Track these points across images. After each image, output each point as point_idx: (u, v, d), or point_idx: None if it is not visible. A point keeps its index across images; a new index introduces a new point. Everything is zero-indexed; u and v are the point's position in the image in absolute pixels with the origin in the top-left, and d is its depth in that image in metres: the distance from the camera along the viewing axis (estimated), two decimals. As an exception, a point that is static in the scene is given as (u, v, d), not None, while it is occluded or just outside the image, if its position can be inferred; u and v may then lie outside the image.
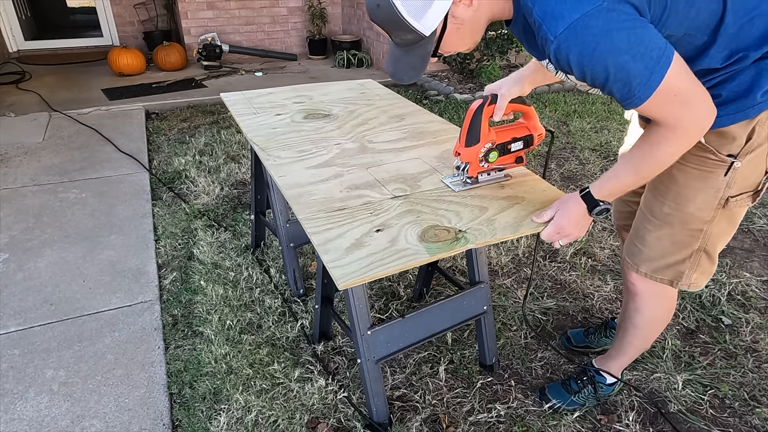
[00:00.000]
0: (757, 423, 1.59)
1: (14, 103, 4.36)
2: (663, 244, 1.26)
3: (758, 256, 2.38)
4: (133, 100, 4.47)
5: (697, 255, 1.24)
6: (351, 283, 1.06)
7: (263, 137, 1.73)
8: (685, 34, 1.00)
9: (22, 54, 5.97)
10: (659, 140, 1.04)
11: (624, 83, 0.95)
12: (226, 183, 3.07)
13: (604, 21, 0.90)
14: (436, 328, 1.59)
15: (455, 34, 1.08)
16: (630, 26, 0.91)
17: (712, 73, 1.05)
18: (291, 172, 1.48)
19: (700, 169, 1.14)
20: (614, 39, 0.91)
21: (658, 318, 1.43)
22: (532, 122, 1.43)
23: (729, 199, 1.15)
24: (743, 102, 1.04)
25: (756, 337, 1.91)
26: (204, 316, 2.00)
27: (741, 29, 0.99)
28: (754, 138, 1.07)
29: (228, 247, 2.43)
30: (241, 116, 1.91)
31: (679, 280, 1.29)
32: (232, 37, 6.00)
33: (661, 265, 1.29)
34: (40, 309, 2.01)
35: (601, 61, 0.93)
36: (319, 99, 2.13)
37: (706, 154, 1.11)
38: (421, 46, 1.09)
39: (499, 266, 2.31)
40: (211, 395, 1.67)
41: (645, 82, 0.94)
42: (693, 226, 1.20)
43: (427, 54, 1.10)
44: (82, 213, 2.69)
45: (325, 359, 1.82)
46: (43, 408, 1.60)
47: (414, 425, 1.56)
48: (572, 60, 0.95)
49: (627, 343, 1.51)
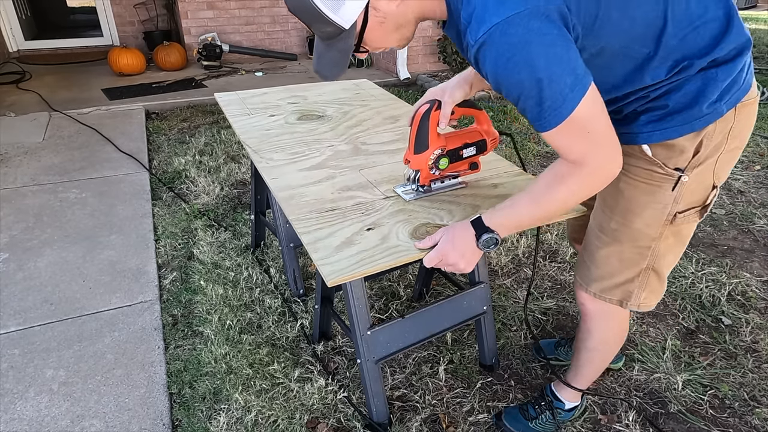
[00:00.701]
0: (757, 423, 1.59)
1: (14, 103, 4.37)
2: (611, 262, 1.20)
3: (758, 256, 2.38)
4: (133, 100, 4.47)
5: (645, 274, 1.19)
6: (339, 279, 1.06)
7: (256, 139, 1.72)
8: (623, 47, 0.95)
9: (22, 54, 5.97)
10: (564, 175, 0.98)
11: (536, 103, 0.89)
12: (226, 183, 3.07)
13: (524, 30, 0.84)
14: (436, 328, 1.59)
15: (378, 29, 1.02)
16: (550, 42, 0.85)
17: (658, 83, 1.00)
18: (283, 175, 1.48)
19: (647, 183, 1.09)
20: (532, 53, 0.85)
21: (609, 340, 1.38)
22: (485, 126, 1.38)
23: (677, 215, 1.10)
24: (689, 113, 0.99)
25: (756, 337, 1.91)
26: (204, 316, 2.00)
27: (684, 39, 0.95)
28: (702, 151, 1.03)
29: (228, 247, 2.43)
30: (234, 117, 1.91)
31: (628, 300, 1.23)
32: (232, 37, 6.00)
33: (610, 284, 1.23)
34: (40, 309, 2.01)
35: (516, 73, 0.87)
36: (313, 99, 2.12)
37: (653, 168, 1.07)
38: (341, 40, 1.02)
39: (499, 266, 2.31)
40: (211, 395, 1.67)
41: (557, 107, 0.88)
42: (641, 243, 1.15)
43: (348, 49, 1.03)
44: (82, 213, 2.69)
45: (325, 359, 1.82)
46: (43, 408, 1.60)
47: (414, 425, 1.56)
48: (488, 67, 0.90)
49: (581, 366, 1.45)
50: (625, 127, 1.07)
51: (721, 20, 0.96)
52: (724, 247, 2.47)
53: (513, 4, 0.84)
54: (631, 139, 1.07)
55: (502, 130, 1.47)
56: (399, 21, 1.02)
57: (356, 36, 1.02)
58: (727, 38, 0.95)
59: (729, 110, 1.00)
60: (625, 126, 1.07)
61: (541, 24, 0.85)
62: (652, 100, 1.02)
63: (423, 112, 1.27)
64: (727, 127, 1.02)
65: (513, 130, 3.82)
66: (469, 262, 1.12)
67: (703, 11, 0.94)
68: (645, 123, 1.04)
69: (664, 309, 2.06)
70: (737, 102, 1.00)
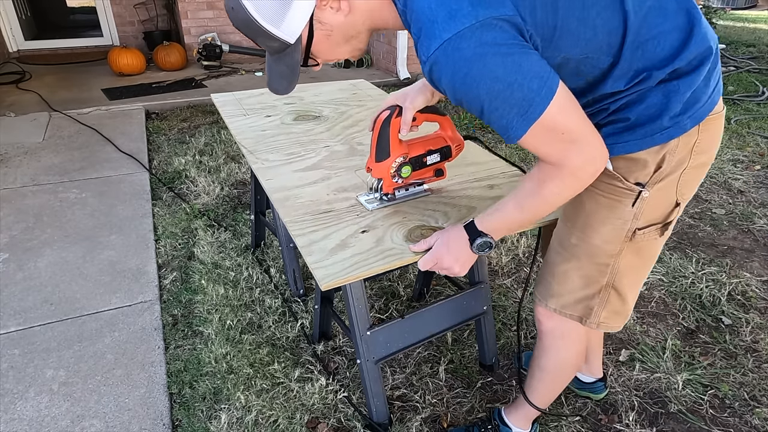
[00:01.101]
0: (757, 423, 1.59)
1: (14, 103, 4.37)
2: (571, 277, 1.17)
3: (758, 256, 2.38)
4: (133, 100, 4.47)
5: (606, 291, 1.14)
6: (334, 283, 1.06)
7: (252, 140, 1.72)
8: (586, 56, 0.92)
9: (22, 54, 5.97)
10: (545, 178, 0.95)
11: (500, 114, 0.87)
12: (226, 183, 3.07)
13: (477, 44, 0.81)
14: (436, 328, 1.59)
15: (326, 42, 0.99)
16: (506, 51, 0.83)
17: (617, 95, 0.97)
18: (278, 176, 1.48)
19: (608, 197, 1.05)
20: (488, 64, 0.82)
21: (566, 361, 1.32)
22: (449, 132, 1.35)
23: (636, 232, 1.06)
24: (651, 126, 0.96)
25: (756, 337, 1.91)
26: (204, 315, 2.00)
27: (645, 48, 0.92)
28: (665, 166, 1.00)
29: (228, 247, 2.43)
30: (230, 118, 1.91)
31: (587, 317, 1.18)
32: (232, 37, 6.00)
33: (570, 300, 1.19)
34: (40, 309, 2.01)
35: (474, 88, 0.85)
36: (310, 100, 2.12)
37: (614, 182, 1.03)
38: (287, 55, 0.98)
39: (499, 266, 2.31)
40: (211, 395, 1.67)
41: (523, 114, 0.86)
42: (599, 260, 1.11)
43: (295, 63, 1.00)
44: (82, 213, 2.69)
45: (325, 359, 1.82)
46: (43, 408, 1.60)
47: (414, 425, 1.56)
48: (445, 84, 0.88)
49: (533, 388, 1.38)
50: None
51: (683, 29, 0.93)
52: (724, 247, 2.47)
53: (463, 17, 0.82)
54: None
55: (468, 134, 1.44)
56: (348, 33, 0.99)
57: (302, 50, 0.99)
58: (688, 48, 0.92)
59: (693, 126, 0.97)
60: None
61: (495, 35, 0.82)
62: (614, 113, 0.99)
63: (383, 119, 1.23)
64: (691, 143, 0.99)
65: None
66: (463, 265, 1.12)
67: (663, 20, 0.92)
68: (606, 135, 1.00)
69: (664, 309, 2.06)
70: (702, 118, 0.97)
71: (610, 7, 0.90)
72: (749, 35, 7.63)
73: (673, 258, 2.35)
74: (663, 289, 2.16)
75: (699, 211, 2.78)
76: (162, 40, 5.69)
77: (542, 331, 1.29)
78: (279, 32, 0.94)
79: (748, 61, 6.15)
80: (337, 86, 2.33)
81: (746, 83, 5.24)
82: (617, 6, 0.90)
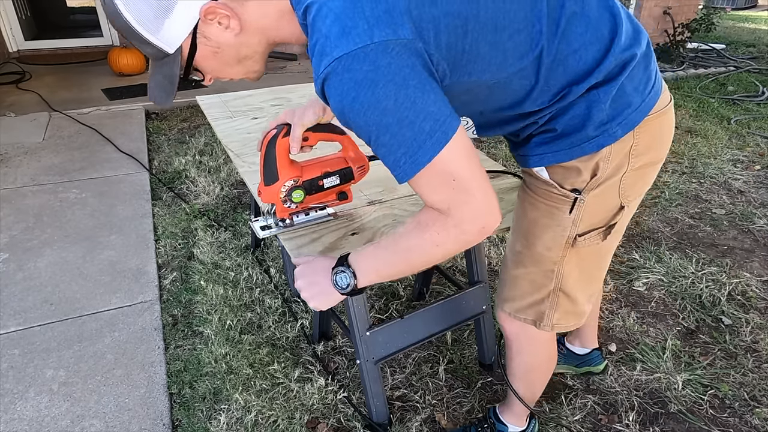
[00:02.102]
0: (757, 423, 1.59)
1: (14, 103, 4.36)
2: (521, 283, 1.17)
3: (758, 256, 2.38)
4: (133, 100, 4.47)
5: (554, 295, 1.14)
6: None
7: (238, 143, 1.71)
8: (497, 81, 0.88)
9: (22, 54, 5.97)
10: (429, 222, 0.87)
11: (388, 150, 0.80)
12: (226, 183, 3.07)
13: (369, 67, 0.75)
14: (436, 328, 1.59)
15: (213, 59, 0.90)
16: (401, 82, 0.75)
17: (541, 111, 0.95)
18: None
19: (546, 204, 1.05)
20: (378, 94, 0.75)
21: (534, 365, 1.33)
22: (350, 153, 1.26)
23: (577, 238, 1.05)
24: (577, 136, 0.95)
25: (756, 337, 1.90)
26: (204, 316, 2.00)
27: (566, 65, 0.88)
28: (599, 174, 0.98)
29: (228, 247, 2.43)
30: (216, 120, 1.89)
31: (540, 320, 1.19)
32: (232, 37, 5.99)
33: (523, 304, 1.19)
34: (40, 309, 2.01)
35: (362, 115, 0.78)
36: (297, 102, 2.10)
37: (551, 189, 1.03)
38: (165, 65, 0.90)
39: (499, 266, 2.31)
40: (211, 395, 1.67)
41: (412, 155, 0.79)
42: (544, 267, 1.11)
43: (173, 75, 0.90)
44: (82, 213, 2.69)
45: (325, 359, 1.82)
46: (43, 408, 1.60)
47: (414, 425, 1.56)
48: (333, 104, 0.81)
49: (516, 389, 1.39)
50: (521, 149, 1.05)
51: (604, 40, 0.90)
52: (724, 247, 2.47)
53: (357, 36, 0.75)
54: (525, 161, 1.05)
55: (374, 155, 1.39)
56: (241, 53, 0.90)
57: (182, 63, 0.90)
58: (607, 59, 0.89)
59: (626, 132, 0.94)
60: (521, 148, 1.05)
61: (391, 61, 0.75)
62: (543, 125, 0.98)
63: (269, 139, 1.13)
64: (627, 148, 0.97)
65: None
66: (314, 296, 1.03)
67: (585, 29, 0.88)
68: (536, 145, 1.00)
69: (664, 309, 2.06)
70: (636, 123, 0.95)
71: (523, 30, 0.84)
72: (749, 35, 7.63)
73: (673, 258, 2.35)
74: (663, 289, 2.16)
75: (699, 211, 2.78)
76: (162, 40, 5.69)
77: (507, 335, 1.30)
78: (156, 40, 0.86)
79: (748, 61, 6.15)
80: None
81: (746, 83, 5.24)
82: (531, 27, 0.84)
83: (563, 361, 1.73)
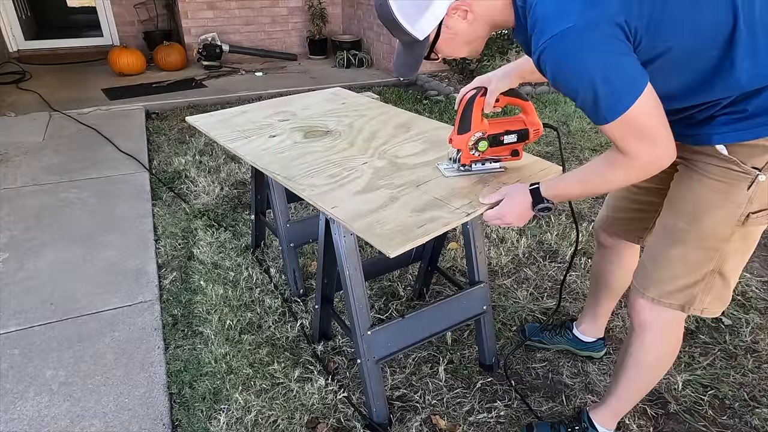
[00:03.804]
0: (757, 423, 1.59)
1: (14, 103, 4.37)
2: (675, 264, 1.18)
3: (758, 256, 2.38)
4: (133, 100, 4.47)
5: (711, 277, 1.16)
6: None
7: (277, 164, 1.55)
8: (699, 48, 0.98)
9: (22, 54, 5.97)
10: (614, 163, 1.06)
11: (592, 102, 0.98)
12: (226, 183, 3.07)
13: (578, 42, 0.94)
14: (436, 328, 1.59)
15: (449, 43, 1.15)
16: (606, 50, 0.94)
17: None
18: (341, 202, 1.33)
19: (721, 181, 1.08)
20: (585, 61, 0.95)
21: (664, 355, 1.32)
22: (530, 117, 1.44)
23: (749, 216, 1.08)
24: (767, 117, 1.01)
25: (756, 337, 1.90)
26: (204, 316, 2.00)
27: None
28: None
29: (228, 247, 2.43)
30: (233, 143, 1.73)
31: (691, 304, 1.19)
32: (232, 37, 6.00)
33: (671, 288, 1.19)
34: (40, 309, 2.01)
35: (571, 78, 0.98)
36: (305, 114, 1.97)
37: (730, 165, 1.06)
38: (416, 48, 1.16)
39: (498, 266, 2.31)
40: (210, 395, 1.67)
41: (612, 105, 0.96)
42: (709, 244, 1.13)
43: (420, 55, 1.17)
44: (82, 213, 2.69)
45: (325, 359, 1.82)
46: (42, 408, 1.60)
47: (414, 425, 1.56)
48: (548, 71, 1.00)
49: (626, 386, 1.38)
50: (698, 129, 1.08)
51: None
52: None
53: (570, 16, 0.93)
54: (705, 139, 1.07)
55: (549, 123, 1.49)
56: (469, 37, 1.14)
57: (428, 46, 1.16)
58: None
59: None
60: (698, 128, 1.08)
61: (595, 35, 0.93)
62: (728, 106, 1.03)
63: (469, 97, 1.36)
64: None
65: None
66: (523, 220, 1.27)
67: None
68: (722, 124, 1.04)
69: (664, 309, 2.06)
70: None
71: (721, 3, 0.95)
72: (749, 35, 7.62)
73: (673, 258, 2.34)
74: (663, 290, 2.16)
75: (699, 212, 2.78)
76: (162, 40, 5.69)
77: (640, 324, 1.28)
78: (412, 30, 1.12)
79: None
80: (321, 97, 2.20)
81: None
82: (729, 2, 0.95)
83: (567, 342, 1.81)
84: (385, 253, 1.15)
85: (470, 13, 1.09)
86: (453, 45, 1.16)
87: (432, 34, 1.13)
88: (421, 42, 1.14)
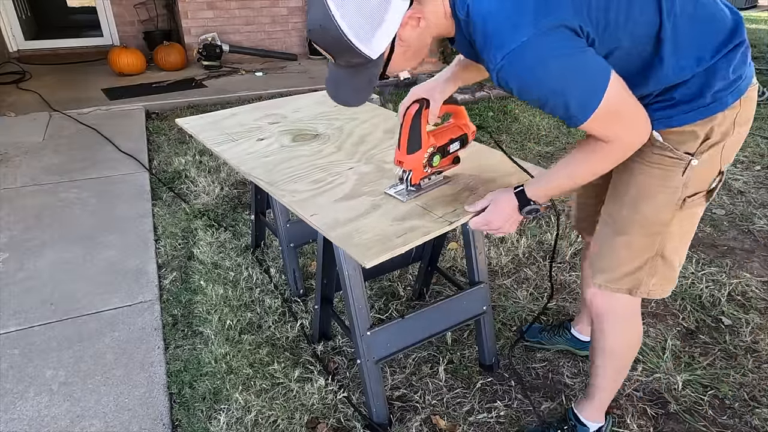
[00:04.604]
0: (757, 423, 1.59)
1: (14, 103, 4.36)
2: (619, 251, 1.22)
3: (758, 257, 2.38)
4: (133, 100, 4.47)
5: (653, 260, 1.20)
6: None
7: (261, 169, 1.54)
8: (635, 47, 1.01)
9: (22, 54, 5.97)
10: (596, 149, 1.07)
11: (563, 107, 0.98)
12: (226, 183, 3.07)
13: (538, 50, 0.92)
14: (436, 328, 1.59)
15: (401, 57, 1.06)
16: (565, 53, 0.93)
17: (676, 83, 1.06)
18: (321, 209, 1.31)
19: (659, 168, 1.12)
20: (549, 67, 0.93)
21: (627, 341, 1.35)
22: (463, 121, 1.43)
23: (686, 200, 1.13)
24: (695, 102, 1.05)
25: (756, 337, 1.90)
26: (204, 316, 2.00)
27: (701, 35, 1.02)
28: (712, 137, 1.08)
29: (228, 247, 2.43)
30: (219, 146, 1.69)
31: (637, 288, 1.23)
32: (232, 37, 5.99)
33: (617, 275, 1.23)
34: (40, 309, 2.01)
35: (537, 89, 0.97)
36: (296, 117, 1.95)
37: (665, 152, 1.11)
38: (368, 69, 1.05)
39: (498, 266, 2.31)
40: (210, 395, 1.67)
41: (583, 106, 0.97)
42: (651, 230, 1.17)
43: (374, 77, 1.07)
44: (82, 213, 2.69)
45: (325, 359, 1.82)
46: (42, 408, 1.60)
47: (414, 425, 1.56)
48: (513, 88, 0.98)
49: (599, 376, 1.40)
50: None
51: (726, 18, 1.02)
52: (724, 247, 2.47)
53: (524, 29, 0.91)
54: None
55: (480, 124, 1.50)
56: (419, 46, 1.07)
57: (382, 65, 1.06)
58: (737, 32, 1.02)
59: (735, 100, 1.05)
60: None
61: (554, 39, 0.92)
62: (659, 95, 1.07)
63: (414, 112, 1.28)
64: (734, 115, 1.07)
65: (513, 130, 3.82)
66: (512, 225, 1.25)
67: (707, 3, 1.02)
68: (653, 111, 1.07)
69: (664, 309, 2.06)
70: (743, 93, 1.06)
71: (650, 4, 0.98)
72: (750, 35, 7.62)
73: (673, 258, 2.34)
74: (663, 290, 2.16)
75: (699, 212, 2.78)
76: (162, 40, 5.68)
77: (596, 313, 1.32)
78: (366, 49, 1.01)
79: (748, 61, 6.13)
80: (312, 99, 2.17)
81: (746, 83, 5.22)
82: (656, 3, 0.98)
83: (566, 342, 1.81)
84: (361, 264, 1.14)
85: (423, 20, 1.02)
86: (405, 58, 1.07)
87: (386, 51, 1.03)
88: (375, 61, 1.03)
